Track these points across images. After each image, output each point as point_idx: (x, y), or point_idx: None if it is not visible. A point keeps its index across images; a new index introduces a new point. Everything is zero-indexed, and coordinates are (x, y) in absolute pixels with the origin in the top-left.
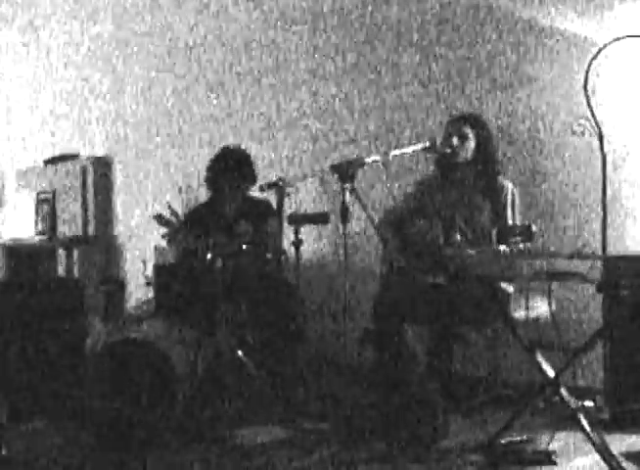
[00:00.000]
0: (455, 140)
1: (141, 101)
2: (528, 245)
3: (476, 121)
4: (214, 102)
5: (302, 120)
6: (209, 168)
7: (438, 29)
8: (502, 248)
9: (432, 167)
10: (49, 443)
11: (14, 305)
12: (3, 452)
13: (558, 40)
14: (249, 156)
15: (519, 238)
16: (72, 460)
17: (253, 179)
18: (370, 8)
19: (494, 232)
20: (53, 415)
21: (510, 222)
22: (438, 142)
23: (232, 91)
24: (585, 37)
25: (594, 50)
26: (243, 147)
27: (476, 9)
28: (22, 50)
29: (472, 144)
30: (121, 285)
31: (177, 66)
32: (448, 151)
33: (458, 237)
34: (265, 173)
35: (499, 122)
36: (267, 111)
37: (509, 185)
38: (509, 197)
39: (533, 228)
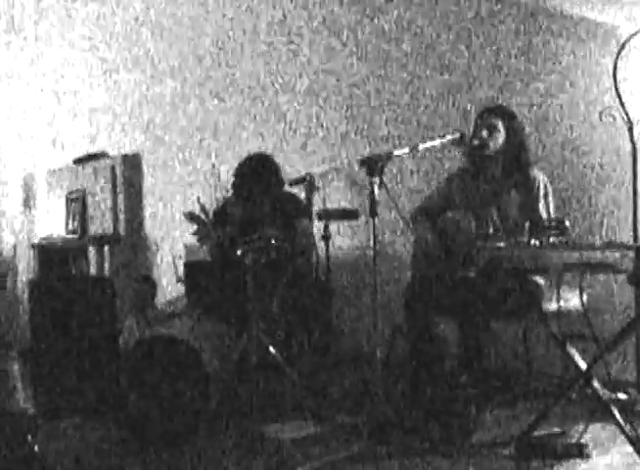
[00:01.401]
0: (484, 132)
1: (170, 98)
2: (561, 239)
3: (504, 113)
4: (244, 97)
5: (330, 115)
6: (235, 175)
7: (466, 21)
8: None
9: (462, 160)
10: (81, 439)
11: (46, 303)
12: (36, 449)
13: (586, 29)
14: (274, 163)
15: (552, 232)
16: (105, 457)
17: (279, 187)
18: (399, 2)
19: (527, 226)
20: (86, 412)
21: (544, 214)
22: (468, 134)
23: (260, 87)
24: (614, 26)
25: (622, 38)
26: (269, 153)
27: (503, 0)
28: (51, 49)
29: (501, 135)
30: (152, 282)
31: (206, 64)
32: (477, 143)
33: (490, 230)
34: (294, 169)
35: (528, 113)
36: (295, 105)
37: (541, 176)
38: (541, 188)
39: (567, 223)
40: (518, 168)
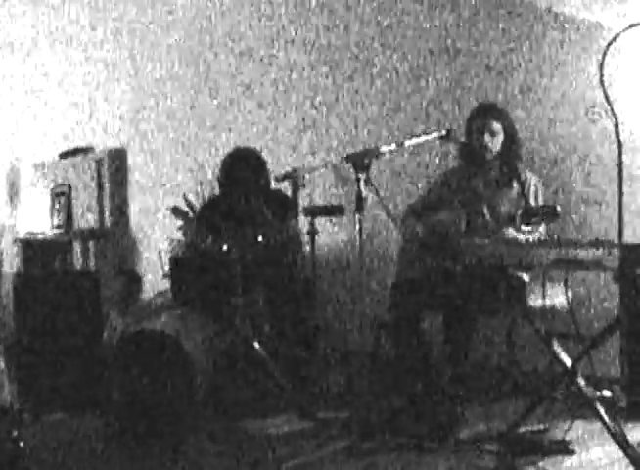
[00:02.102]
0: (487, 137)
1: (156, 92)
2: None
3: (502, 115)
4: (230, 92)
5: (317, 111)
6: (221, 171)
7: (452, 17)
8: (524, 229)
9: (458, 160)
10: (67, 435)
11: (31, 298)
12: (21, 445)
13: (573, 27)
14: (261, 159)
15: (544, 218)
16: (91, 452)
17: (266, 184)
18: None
19: (519, 213)
20: (71, 407)
21: None
22: (460, 134)
23: (247, 82)
24: (600, 24)
25: (609, 37)
26: (255, 148)
27: None
28: (36, 43)
29: (500, 138)
30: (138, 277)
31: (193, 58)
32: (480, 147)
33: (479, 222)
34: (280, 164)
35: (514, 110)
36: (281, 101)
37: (532, 177)
38: (532, 189)
39: (558, 208)
40: (512, 169)
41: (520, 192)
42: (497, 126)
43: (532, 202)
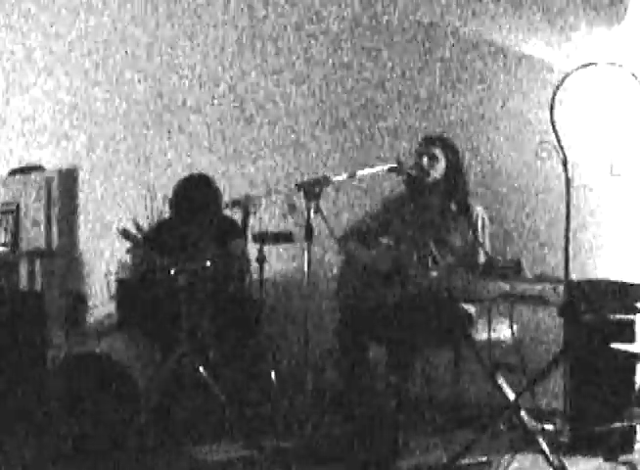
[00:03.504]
0: (425, 161)
1: (108, 114)
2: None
3: (445, 143)
4: (181, 118)
5: (268, 138)
6: (173, 195)
7: (407, 53)
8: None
9: (399, 186)
10: (4, 456)
11: None
12: None
13: (524, 66)
14: (213, 186)
15: (508, 271)
16: None
17: (217, 210)
18: (340, 31)
19: (481, 265)
20: (13, 429)
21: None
22: (408, 163)
23: (199, 109)
24: (551, 64)
25: (560, 76)
26: (209, 175)
27: (443, 34)
28: None
29: (442, 165)
30: (84, 299)
31: (145, 81)
32: (416, 172)
33: (429, 261)
34: (230, 191)
35: (464, 146)
36: (233, 128)
37: (479, 208)
38: (479, 221)
39: (523, 263)
40: (457, 199)
41: (468, 225)
42: (437, 153)
43: (480, 234)
